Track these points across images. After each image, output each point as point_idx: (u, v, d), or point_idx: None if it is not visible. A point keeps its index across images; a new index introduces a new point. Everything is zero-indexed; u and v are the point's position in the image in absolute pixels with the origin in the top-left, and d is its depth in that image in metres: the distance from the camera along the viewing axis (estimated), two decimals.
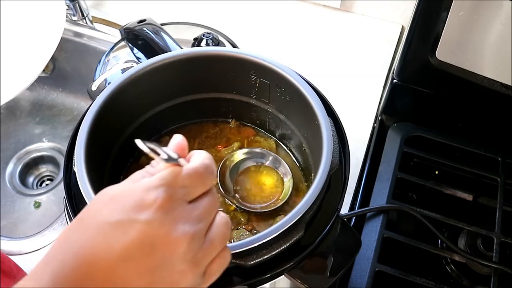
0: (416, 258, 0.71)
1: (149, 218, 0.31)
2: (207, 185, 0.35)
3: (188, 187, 0.34)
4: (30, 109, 1.04)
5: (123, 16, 0.98)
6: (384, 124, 0.85)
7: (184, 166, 0.34)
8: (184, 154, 0.36)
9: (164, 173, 0.33)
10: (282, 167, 0.60)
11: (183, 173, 0.34)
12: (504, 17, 0.64)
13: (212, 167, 0.35)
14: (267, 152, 0.61)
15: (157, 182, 0.33)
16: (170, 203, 0.32)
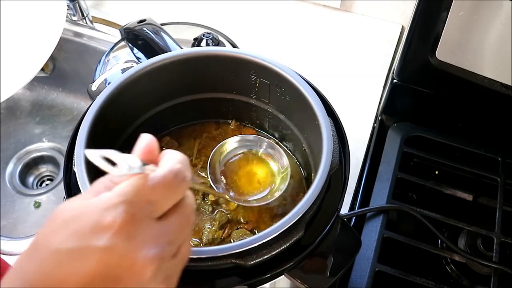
0: (416, 258, 0.71)
1: (109, 244, 0.27)
2: (178, 196, 0.31)
3: (155, 201, 0.29)
4: (30, 109, 1.04)
5: (123, 16, 0.98)
6: (384, 124, 0.85)
7: (151, 174, 0.30)
8: (152, 157, 0.32)
9: (124, 186, 0.29)
10: (278, 154, 0.57)
11: (149, 185, 0.29)
12: (504, 17, 0.64)
13: (184, 172, 0.31)
14: (261, 138, 0.59)
15: (115, 199, 0.28)
16: (132, 224, 0.28)
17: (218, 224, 0.54)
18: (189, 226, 0.32)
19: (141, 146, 0.32)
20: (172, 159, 0.31)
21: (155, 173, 0.30)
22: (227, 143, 0.57)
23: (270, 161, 0.58)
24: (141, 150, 0.32)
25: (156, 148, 0.32)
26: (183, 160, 0.32)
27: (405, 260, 0.70)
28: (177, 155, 0.32)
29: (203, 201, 0.56)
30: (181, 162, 0.31)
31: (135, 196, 0.29)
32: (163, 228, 0.30)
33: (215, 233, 0.54)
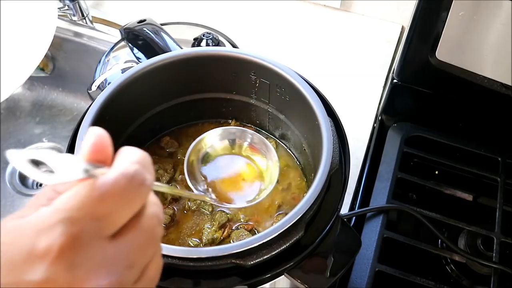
0: (416, 258, 0.71)
1: (45, 277, 0.22)
2: (135, 205, 0.25)
3: (105, 215, 0.23)
4: (30, 109, 1.04)
5: (123, 16, 0.98)
6: (384, 124, 0.85)
7: (99, 179, 0.24)
8: (103, 157, 0.26)
9: (64, 199, 0.23)
10: (265, 147, 0.53)
11: (95, 194, 0.23)
12: (504, 17, 0.64)
13: (142, 174, 0.25)
14: (244, 130, 0.53)
15: (53, 217, 0.22)
16: (75, 248, 0.22)
17: (218, 224, 0.54)
18: (154, 242, 0.26)
19: (88, 143, 0.25)
20: (126, 158, 0.25)
21: (103, 178, 0.24)
22: (206, 137, 0.52)
23: (256, 156, 0.53)
24: (88, 148, 0.25)
25: (107, 145, 0.26)
26: (142, 159, 0.26)
27: (405, 260, 0.70)
28: (133, 153, 0.26)
29: (203, 201, 0.56)
30: (139, 161, 0.25)
31: (78, 211, 0.23)
32: (119, 249, 0.24)
33: (215, 233, 0.53)
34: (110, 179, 0.24)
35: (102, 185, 0.23)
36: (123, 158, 0.26)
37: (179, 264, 0.42)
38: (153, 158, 0.59)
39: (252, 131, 0.53)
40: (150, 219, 0.26)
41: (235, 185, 0.51)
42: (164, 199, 0.56)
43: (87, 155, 0.25)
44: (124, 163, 0.25)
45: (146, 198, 0.26)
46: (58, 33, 0.95)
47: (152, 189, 0.26)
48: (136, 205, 0.25)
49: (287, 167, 0.61)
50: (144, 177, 0.25)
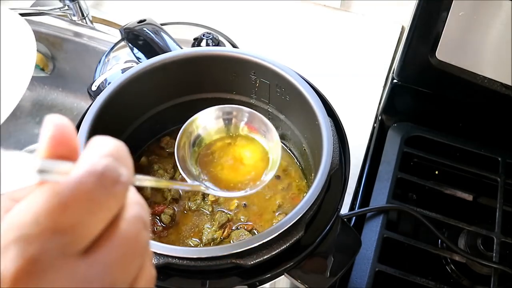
0: (416, 258, 0.71)
1: None
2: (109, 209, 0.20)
3: (72, 226, 0.19)
4: (30, 109, 1.04)
5: (123, 16, 0.98)
6: (384, 124, 0.85)
7: (61, 181, 0.19)
8: (67, 151, 0.21)
9: (16, 213, 0.19)
10: (265, 127, 0.47)
11: (54, 202, 0.19)
12: (504, 17, 0.64)
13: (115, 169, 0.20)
14: (239, 108, 0.48)
15: (4, 238, 0.18)
16: (34, 274, 0.18)
17: (218, 224, 0.54)
18: (139, 251, 0.21)
19: (46, 136, 0.21)
20: (94, 151, 0.21)
21: (65, 179, 0.19)
22: (198, 119, 0.46)
23: (255, 136, 0.48)
24: (45, 141, 0.21)
25: (71, 136, 0.21)
26: (115, 150, 0.21)
27: (405, 260, 0.70)
28: (104, 143, 0.21)
29: (203, 201, 0.56)
30: (111, 153, 0.21)
31: (35, 226, 0.18)
32: (93, 267, 0.19)
33: (215, 233, 0.54)
34: (73, 179, 0.19)
35: (64, 188, 0.19)
36: (90, 151, 0.21)
37: (179, 264, 0.42)
38: (153, 158, 0.60)
39: (249, 109, 0.47)
40: (131, 224, 0.21)
41: (235, 170, 0.46)
42: (164, 199, 0.56)
43: (45, 150, 0.21)
44: (91, 157, 0.20)
45: (123, 199, 0.21)
46: (58, 33, 0.95)
47: (130, 185, 0.22)
48: (111, 209, 0.20)
49: (287, 167, 0.61)
50: (118, 172, 0.20)
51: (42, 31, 0.96)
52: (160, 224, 0.54)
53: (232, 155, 0.47)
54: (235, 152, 0.47)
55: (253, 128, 0.48)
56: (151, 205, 0.56)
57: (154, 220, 0.54)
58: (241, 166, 0.47)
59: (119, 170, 0.21)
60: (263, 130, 0.47)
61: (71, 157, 0.21)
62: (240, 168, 0.46)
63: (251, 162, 0.47)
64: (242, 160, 0.47)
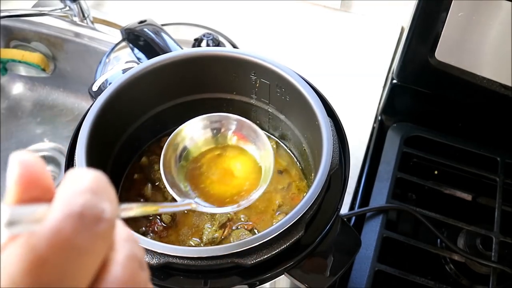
0: (415, 258, 0.71)
1: None
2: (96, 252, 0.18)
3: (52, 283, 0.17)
4: (31, 109, 1.04)
5: (124, 16, 0.98)
6: (384, 124, 0.85)
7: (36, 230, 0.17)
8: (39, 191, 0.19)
9: None
10: (254, 134, 0.45)
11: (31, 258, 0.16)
12: (503, 17, 0.64)
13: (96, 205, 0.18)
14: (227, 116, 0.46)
15: None
16: None
17: (218, 224, 0.54)
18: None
19: (13, 178, 0.18)
20: (69, 188, 0.18)
21: (40, 228, 0.17)
22: (183, 130, 0.45)
23: (246, 145, 0.46)
24: (13, 185, 0.18)
25: (41, 173, 0.19)
26: (93, 183, 0.19)
27: (404, 259, 0.70)
28: (80, 177, 0.19)
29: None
30: (89, 187, 0.18)
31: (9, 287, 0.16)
32: None
33: (215, 232, 0.54)
34: (49, 226, 0.17)
35: (39, 239, 0.16)
36: (65, 188, 0.18)
37: (180, 264, 0.42)
38: (153, 158, 0.60)
39: (237, 116, 0.45)
40: (125, 267, 0.19)
41: (226, 183, 0.45)
42: (165, 199, 0.57)
43: (14, 194, 0.18)
44: (67, 196, 0.18)
45: (110, 237, 0.19)
46: (59, 34, 0.95)
47: (116, 221, 0.19)
48: (99, 253, 0.18)
49: (287, 167, 0.61)
50: (99, 209, 0.18)
51: (43, 32, 0.96)
52: (161, 224, 0.54)
53: (222, 167, 0.45)
54: (225, 164, 0.45)
55: (242, 137, 0.46)
56: None
57: (155, 219, 0.55)
58: (232, 178, 0.45)
59: (101, 205, 0.18)
60: (252, 137, 0.46)
61: (45, 197, 0.19)
62: (231, 181, 0.45)
63: (242, 173, 0.45)
64: (232, 172, 0.45)
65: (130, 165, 0.60)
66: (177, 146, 0.45)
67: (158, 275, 0.43)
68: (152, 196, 0.57)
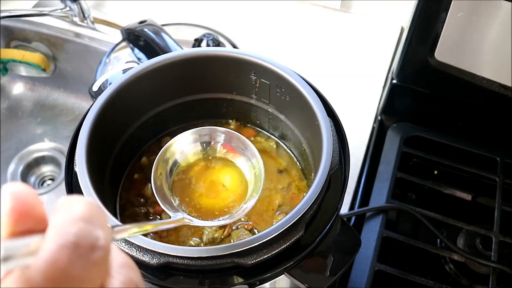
0: (415, 258, 0.72)
1: None
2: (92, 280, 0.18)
3: None
4: (31, 109, 1.04)
5: (124, 17, 0.98)
6: (384, 124, 0.85)
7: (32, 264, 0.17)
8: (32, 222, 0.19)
9: None
10: (242, 145, 0.46)
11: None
12: (503, 17, 0.64)
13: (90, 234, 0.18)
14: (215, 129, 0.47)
15: None
16: None
17: None
18: None
19: (5, 210, 0.18)
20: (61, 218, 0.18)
21: (36, 261, 0.17)
22: (173, 145, 0.45)
23: (235, 157, 0.47)
24: (6, 218, 0.18)
25: (34, 203, 0.19)
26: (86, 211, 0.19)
27: (404, 259, 0.71)
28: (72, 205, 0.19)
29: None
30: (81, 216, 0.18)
31: None
32: None
33: (215, 232, 0.54)
34: (44, 258, 0.17)
35: (35, 272, 0.17)
36: (57, 218, 0.18)
37: (180, 264, 0.42)
38: (154, 158, 0.60)
39: (224, 129, 0.46)
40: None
41: (217, 196, 0.45)
42: None
43: (7, 227, 0.18)
44: (60, 225, 0.18)
45: (106, 264, 0.19)
46: (59, 34, 0.95)
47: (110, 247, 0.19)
48: (94, 281, 0.18)
49: (287, 167, 0.61)
50: (93, 236, 0.18)
51: (44, 32, 0.96)
52: None
53: (213, 180, 0.45)
54: (215, 177, 0.46)
55: (231, 149, 0.47)
56: (152, 204, 0.56)
57: (155, 219, 0.55)
58: (223, 191, 0.45)
59: (95, 233, 0.18)
60: (241, 149, 0.46)
61: (38, 228, 0.19)
62: (222, 193, 0.45)
63: (233, 185, 0.45)
64: (223, 184, 0.46)
65: (130, 165, 0.60)
66: (167, 161, 0.45)
67: (158, 275, 0.43)
68: (152, 196, 0.57)
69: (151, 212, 0.55)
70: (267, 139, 0.63)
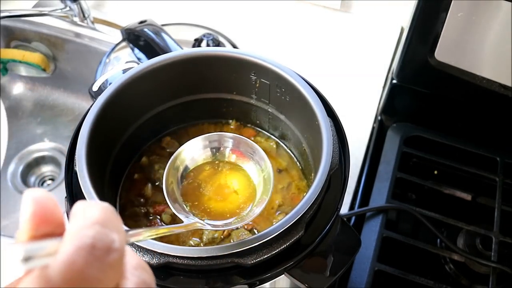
0: (415, 258, 0.72)
1: None
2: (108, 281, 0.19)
3: None
4: (31, 109, 1.04)
5: (124, 17, 0.98)
6: (384, 124, 0.85)
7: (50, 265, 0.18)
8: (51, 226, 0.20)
9: None
10: (251, 150, 0.47)
11: None
12: (502, 17, 0.64)
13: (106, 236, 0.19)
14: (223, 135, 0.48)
15: None
16: None
17: None
18: None
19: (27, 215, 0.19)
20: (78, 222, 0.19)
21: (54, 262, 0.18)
22: (183, 152, 0.46)
23: (244, 162, 0.48)
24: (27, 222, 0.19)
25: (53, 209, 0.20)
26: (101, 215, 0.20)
27: (404, 259, 0.71)
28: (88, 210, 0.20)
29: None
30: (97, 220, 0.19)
31: None
32: None
33: (215, 232, 0.54)
34: (62, 260, 0.18)
35: (54, 273, 0.17)
36: (74, 222, 0.19)
37: (180, 264, 0.42)
38: (154, 158, 0.60)
39: (232, 134, 0.48)
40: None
41: (227, 199, 0.46)
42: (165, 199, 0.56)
43: (28, 231, 0.19)
44: (77, 229, 0.19)
45: (121, 267, 0.20)
46: (59, 34, 0.95)
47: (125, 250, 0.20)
48: (110, 282, 0.19)
49: (287, 167, 0.61)
50: (109, 239, 0.19)
51: (44, 32, 0.96)
52: (161, 224, 0.54)
53: (222, 184, 0.47)
54: (225, 181, 0.47)
55: (239, 152, 0.48)
56: (152, 204, 0.56)
57: (155, 219, 0.55)
58: (233, 194, 0.47)
59: (110, 236, 0.19)
60: (250, 153, 0.47)
61: (56, 232, 0.20)
62: (232, 196, 0.46)
63: (242, 189, 0.46)
64: (233, 187, 0.47)
65: (130, 165, 0.60)
66: (177, 167, 0.46)
67: (158, 275, 0.43)
68: (152, 196, 0.57)
69: (151, 212, 0.56)
70: (267, 139, 0.63)
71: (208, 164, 0.48)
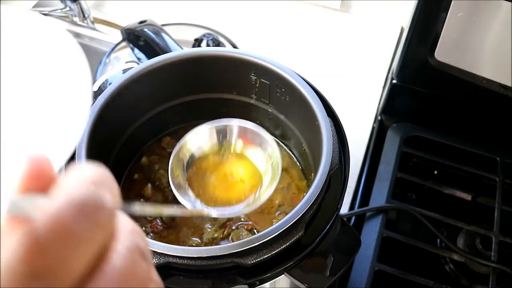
0: (415, 258, 0.72)
1: None
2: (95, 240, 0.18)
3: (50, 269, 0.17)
4: None
5: (124, 17, 0.98)
6: (384, 124, 0.85)
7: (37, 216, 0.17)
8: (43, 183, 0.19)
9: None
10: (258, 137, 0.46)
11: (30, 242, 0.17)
12: (502, 17, 0.64)
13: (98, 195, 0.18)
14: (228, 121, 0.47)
15: None
16: None
17: (218, 224, 0.54)
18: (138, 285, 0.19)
19: (21, 171, 0.19)
20: (73, 179, 0.19)
21: (42, 214, 0.17)
22: (189, 140, 0.46)
23: (251, 149, 0.47)
24: (20, 175, 0.19)
25: (47, 168, 0.19)
26: (97, 176, 0.19)
27: (404, 259, 0.71)
28: (84, 170, 0.19)
29: None
30: (93, 180, 0.19)
31: (11, 275, 0.16)
32: None
33: (215, 232, 0.54)
34: (50, 213, 0.17)
35: (40, 226, 0.17)
36: (68, 180, 0.19)
37: (180, 264, 0.42)
38: (154, 158, 0.60)
39: (239, 120, 0.46)
40: (125, 256, 0.19)
41: (235, 188, 0.46)
42: (165, 199, 0.57)
43: (19, 184, 0.19)
44: (69, 186, 0.18)
45: (110, 227, 0.19)
46: None
47: (117, 211, 0.20)
48: (96, 241, 0.18)
49: (287, 167, 0.61)
50: (100, 198, 0.18)
51: None
52: (161, 224, 0.54)
53: (228, 172, 0.46)
54: (231, 169, 0.46)
55: (247, 141, 0.47)
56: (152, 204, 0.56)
57: (155, 219, 0.55)
58: (239, 183, 0.46)
59: (102, 195, 0.18)
60: (257, 140, 0.47)
61: (48, 189, 0.19)
62: (238, 185, 0.46)
63: (248, 177, 0.46)
64: (239, 176, 0.46)
65: (130, 165, 0.60)
66: (184, 155, 0.46)
67: (158, 275, 0.43)
68: (152, 196, 0.57)
69: None
70: None
71: (214, 153, 0.47)
